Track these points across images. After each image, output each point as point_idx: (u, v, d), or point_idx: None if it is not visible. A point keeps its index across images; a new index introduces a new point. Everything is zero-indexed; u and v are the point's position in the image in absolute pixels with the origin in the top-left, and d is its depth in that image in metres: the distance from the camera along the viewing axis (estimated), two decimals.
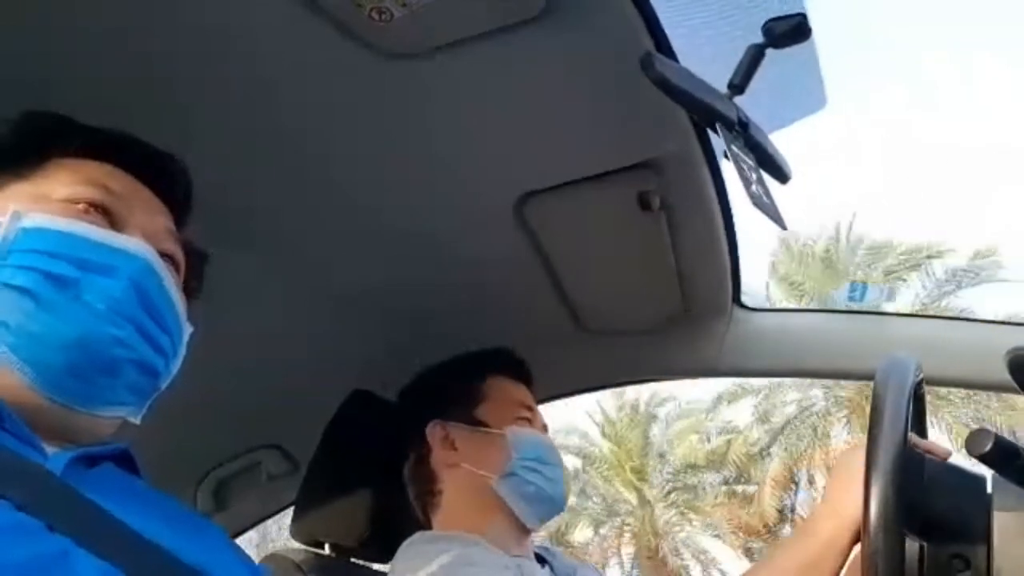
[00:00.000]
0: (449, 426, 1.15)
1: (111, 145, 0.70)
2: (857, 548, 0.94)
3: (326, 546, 1.23)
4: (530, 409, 1.18)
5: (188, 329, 0.69)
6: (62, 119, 0.70)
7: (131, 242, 0.64)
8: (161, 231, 0.70)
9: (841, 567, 0.93)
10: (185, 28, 0.77)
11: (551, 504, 1.13)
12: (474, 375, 1.19)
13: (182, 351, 0.68)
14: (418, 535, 1.11)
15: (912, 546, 0.80)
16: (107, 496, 0.56)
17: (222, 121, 0.88)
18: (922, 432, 0.94)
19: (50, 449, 0.59)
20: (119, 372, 0.62)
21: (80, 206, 0.65)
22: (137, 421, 0.66)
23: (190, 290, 0.74)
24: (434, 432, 1.15)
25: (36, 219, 0.62)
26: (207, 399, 1.28)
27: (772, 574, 0.95)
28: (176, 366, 0.68)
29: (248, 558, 0.69)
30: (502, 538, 1.09)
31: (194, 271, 0.75)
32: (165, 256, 0.68)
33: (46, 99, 0.71)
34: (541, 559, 1.16)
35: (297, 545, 1.24)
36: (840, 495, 0.93)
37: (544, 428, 1.21)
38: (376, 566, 1.25)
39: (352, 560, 1.24)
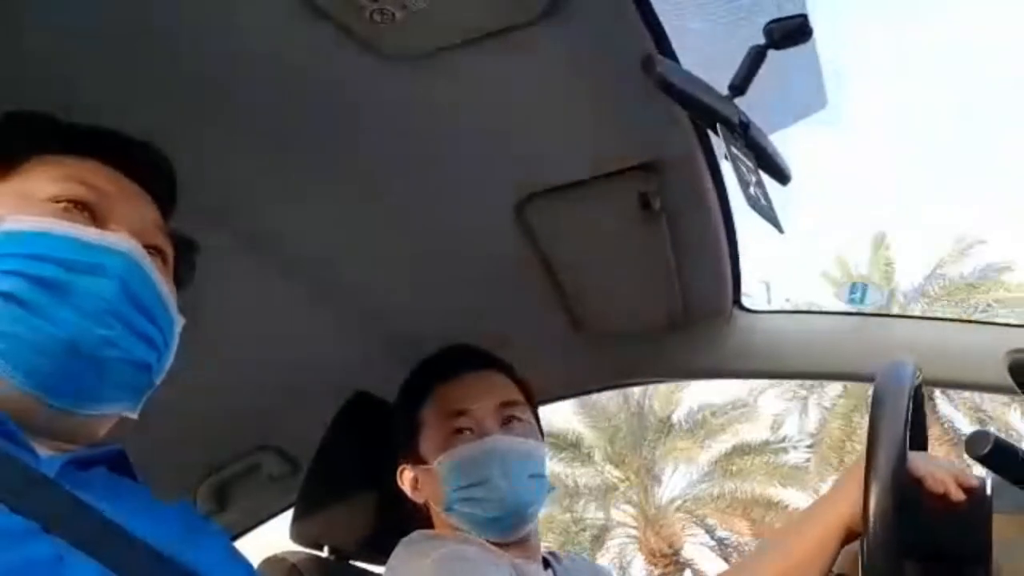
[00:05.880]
0: (410, 468, 1.15)
1: (91, 140, 0.69)
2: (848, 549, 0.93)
3: (325, 548, 1.22)
4: (463, 413, 1.10)
5: (180, 321, 0.68)
6: (41, 117, 0.69)
7: (115, 239, 0.63)
8: (148, 224, 0.68)
9: (831, 565, 0.93)
10: (186, 30, 0.77)
11: (499, 522, 1.07)
12: (414, 406, 1.16)
13: (174, 343, 0.67)
14: (416, 533, 1.10)
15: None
16: (101, 498, 0.56)
17: (222, 122, 0.88)
18: (922, 434, 0.94)
19: (44, 452, 0.59)
20: (110, 372, 0.61)
21: (61, 205, 0.63)
22: (135, 416, 0.65)
23: (180, 280, 0.73)
24: (403, 478, 1.16)
25: (17, 222, 0.61)
26: (208, 401, 1.28)
27: (760, 572, 0.94)
28: (169, 359, 0.67)
29: (244, 560, 0.69)
30: (494, 546, 1.08)
31: (184, 260, 0.74)
32: (152, 249, 0.67)
33: (47, 98, 0.70)
34: (546, 563, 1.15)
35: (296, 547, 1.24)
36: (836, 494, 0.92)
37: (498, 408, 1.11)
38: (374, 568, 1.24)
39: (350, 563, 1.24)
